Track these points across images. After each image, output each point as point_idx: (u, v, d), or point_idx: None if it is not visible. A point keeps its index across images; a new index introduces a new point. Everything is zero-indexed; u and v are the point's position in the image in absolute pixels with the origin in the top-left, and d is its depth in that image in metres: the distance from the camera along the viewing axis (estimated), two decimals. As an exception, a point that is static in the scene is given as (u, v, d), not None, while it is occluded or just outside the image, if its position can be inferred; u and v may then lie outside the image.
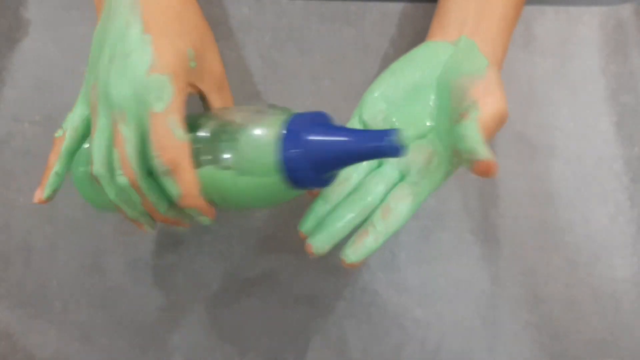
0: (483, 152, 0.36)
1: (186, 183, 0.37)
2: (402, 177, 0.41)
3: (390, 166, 0.41)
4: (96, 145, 0.38)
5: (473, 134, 0.37)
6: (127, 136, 0.37)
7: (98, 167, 0.38)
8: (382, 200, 0.40)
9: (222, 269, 0.51)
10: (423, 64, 0.43)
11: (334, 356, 0.49)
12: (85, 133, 0.41)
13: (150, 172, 0.38)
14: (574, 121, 0.55)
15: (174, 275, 0.50)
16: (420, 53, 0.44)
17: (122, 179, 0.37)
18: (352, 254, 0.39)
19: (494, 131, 0.39)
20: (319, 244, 0.39)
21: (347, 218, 0.40)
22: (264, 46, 0.57)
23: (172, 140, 0.36)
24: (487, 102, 0.39)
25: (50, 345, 0.49)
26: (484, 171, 0.36)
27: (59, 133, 0.41)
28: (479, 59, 0.42)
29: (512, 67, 0.56)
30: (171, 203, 0.39)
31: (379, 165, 0.42)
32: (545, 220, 0.52)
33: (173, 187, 0.37)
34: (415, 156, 0.41)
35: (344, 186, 0.41)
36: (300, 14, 0.57)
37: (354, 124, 0.43)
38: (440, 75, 0.42)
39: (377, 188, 0.41)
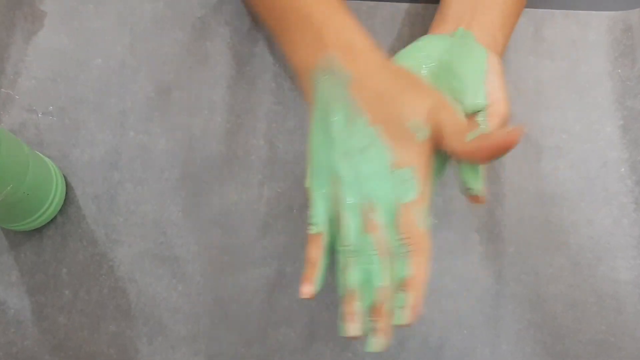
0: (479, 189, 0.41)
1: (419, 267, 0.39)
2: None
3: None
4: (351, 231, 0.40)
5: (475, 172, 0.41)
6: (380, 223, 0.40)
7: (352, 248, 0.40)
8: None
9: (230, 259, 0.51)
10: (419, 54, 0.45)
11: (337, 349, 0.50)
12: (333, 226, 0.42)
13: None
14: (580, 124, 0.55)
15: (182, 266, 0.51)
16: (419, 44, 0.45)
17: (375, 259, 0.39)
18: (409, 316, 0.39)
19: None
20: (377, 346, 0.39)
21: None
22: (275, 45, 0.57)
23: (416, 228, 0.40)
24: (493, 112, 0.42)
25: (60, 333, 0.49)
26: (474, 201, 0.41)
27: (314, 230, 0.41)
28: (477, 49, 0.43)
29: (521, 69, 0.57)
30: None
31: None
32: (549, 220, 0.53)
33: (405, 268, 0.39)
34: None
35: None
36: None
37: None
38: (439, 64, 0.44)
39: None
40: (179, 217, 0.52)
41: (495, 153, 0.39)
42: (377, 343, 0.39)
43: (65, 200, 0.52)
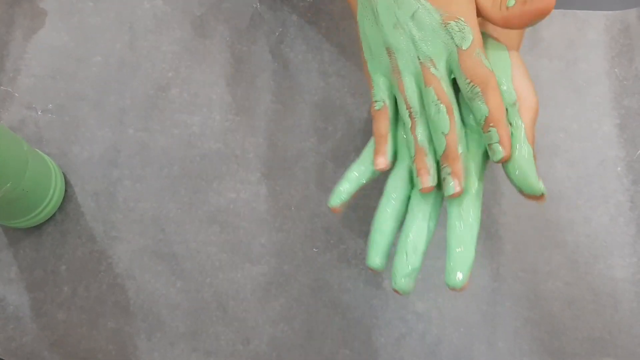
0: (539, 189, 0.40)
1: (493, 102, 0.40)
2: None
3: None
4: (414, 93, 0.42)
5: (528, 170, 0.41)
6: (440, 75, 0.42)
7: (415, 107, 0.42)
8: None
9: (228, 256, 0.52)
10: None
11: (335, 346, 0.50)
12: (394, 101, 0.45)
13: None
14: (577, 122, 0.56)
15: (181, 263, 0.51)
16: None
17: (441, 107, 0.41)
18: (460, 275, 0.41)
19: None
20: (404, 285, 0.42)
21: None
22: (274, 42, 0.57)
23: (482, 67, 0.41)
24: (526, 106, 0.42)
25: (59, 329, 0.50)
26: (536, 200, 0.40)
27: (378, 105, 0.44)
28: (496, 45, 0.44)
29: (518, 68, 0.57)
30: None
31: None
32: (546, 218, 0.53)
33: (482, 107, 0.40)
34: None
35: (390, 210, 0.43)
36: (309, 11, 0.58)
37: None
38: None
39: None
40: (178, 214, 0.53)
41: (535, 17, 0.40)
42: (455, 185, 0.41)
43: (64, 197, 0.52)
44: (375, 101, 0.44)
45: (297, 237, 0.52)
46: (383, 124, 0.44)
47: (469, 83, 0.41)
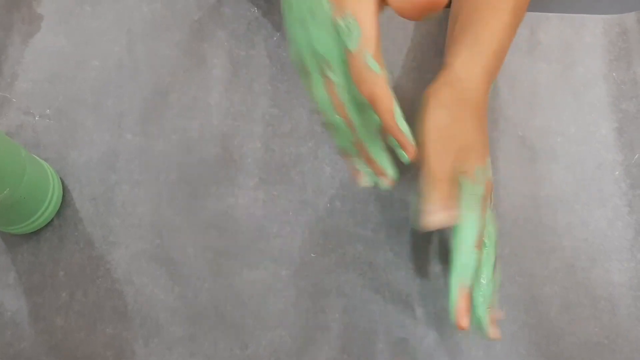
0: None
1: (382, 111, 0.39)
2: None
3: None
4: (319, 98, 0.41)
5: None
6: (335, 80, 0.40)
7: (328, 116, 0.42)
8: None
9: (226, 262, 0.52)
10: None
11: (334, 351, 0.50)
12: None
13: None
14: (575, 126, 0.56)
15: (178, 268, 0.51)
16: None
17: (337, 118, 0.41)
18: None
19: None
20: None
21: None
22: (272, 46, 0.57)
23: (368, 73, 0.39)
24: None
25: (56, 335, 0.50)
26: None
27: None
28: None
29: (516, 72, 0.57)
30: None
31: None
32: (544, 223, 0.53)
33: (373, 117, 0.40)
34: None
35: None
36: (308, 15, 0.58)
37: None
38: None
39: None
40: (176, 219, 0.53)
41: (425, 11, 0.38)
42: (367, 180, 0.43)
43: (62, 202, 0.52)
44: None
45: (295, 242, 0.52)
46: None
47: (358, 89, 0.39)
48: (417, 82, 0.57)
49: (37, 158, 0.51)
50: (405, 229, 0.52)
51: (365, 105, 0.40)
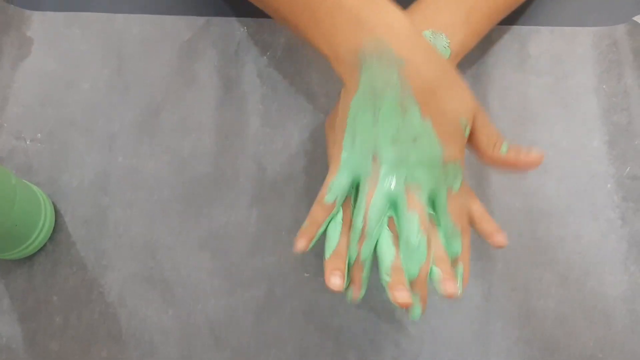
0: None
1: (466, 244, 0.44)
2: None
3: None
4: (374, 209, 0.42)
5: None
6: (424, 203, 0.42)
7: (372, 225, 0.42)
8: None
9: (220, 282, 0.52)
10: None
11: (328, 371, 0.50)
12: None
13: None
14: (566, 139, 0.56)
15: (172, 289, 0.51)
16: None
17: (422, 239, 0.42)
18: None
19: None
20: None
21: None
22: (263, 65, 0.58)
23: (464, 212, 0.45)
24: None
25: (51, 359, 0.50)
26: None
27: (330, 198, 0.44)
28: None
29: (507, 85, 0.57)
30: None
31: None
32: (537, 237, 0.53)
33: (457, 247, 0.44)
34: None
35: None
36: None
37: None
38: None
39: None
40: (169, 240, 0.53)
41: (523, 168, 0.44)
42: (421, 311, 0.43)
43: (54, 226, 0.52)
44: (328, 193, 0.44)
45: (289, 261, 0.52)
46: (321, 215, 0.44)
47: (452, 224, 0.43)
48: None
49: (28, 183, 0.51)
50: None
51: (450, 236, 0.44)
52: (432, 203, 0.44)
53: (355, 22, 0.42)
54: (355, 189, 0.44)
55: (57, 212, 0.53)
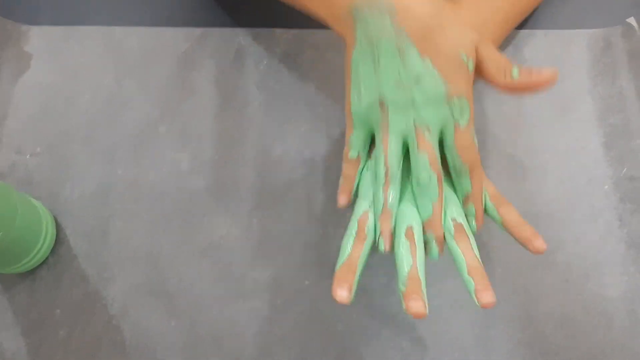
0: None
1: (477, 181, 0.45)
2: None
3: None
4: (392, 152, 0.43)
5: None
6: (433, 143, 0.43)
7: (394, 168, 0.43)
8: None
9: (221, 292, 0.52)
10: None
11: (331, 378, 0.50)
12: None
13: None
14: (563, 142, 0.56)
15: (174, 300, 0.52)
16: None
17: (433, 175, 0.43)
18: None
19: None
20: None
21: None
22: (260, 73, 0.58)
23: (473, 147, 0.44)
24: None
25: (56, 371, 0.50)
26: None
27: (353, 154, 0.46)
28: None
29: (503, 90, 0.57)
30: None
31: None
32: (537, 240, 0.53)
33: (467, 184, 0.44)
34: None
35: None
36: (293, 43, 0.58)
37: None
38: None
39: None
40: (170, 251, 0.53)
41: (537, 88, 0.44)
42: (439, 251, 0.44)
43: (56, 239, 0.52)
44: (351, 149, 0.45)
45: (290, 270, 0.52)
46: (353, 171, 0.46)
47: (460, 159, 0.44)
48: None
49: (29, 197, 0.51)
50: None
51: (458, 173, 0.44)
52: (441, 141, 0.44)
53: None
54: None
55: (58, 225, 0.53)
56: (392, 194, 0.43)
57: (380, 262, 0.52)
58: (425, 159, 0.43)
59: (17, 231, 0.46)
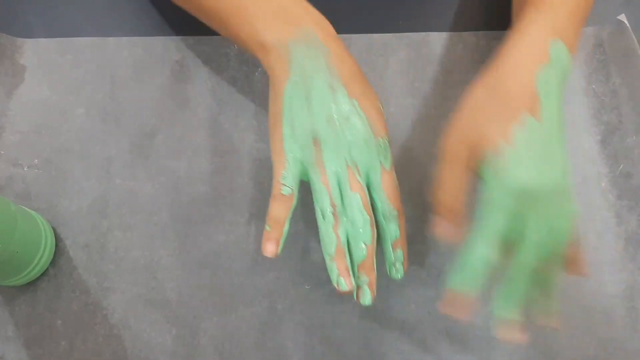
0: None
1: (403, 226, 0.46)
2: None
3: None
4: (334, 190, 0.44)
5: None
6: (363, 184, 0.45)
7: (339, 206, 0.44)
8: None
9: (221, 300, 0.52)
10: None
11: (333, 383, 0.50)
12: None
13: None
14: (559, 141, 0.56)
15: (174, 309, 0.52)
16: None
17: (367, 218, 0.44)
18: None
19: None
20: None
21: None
22: (254, 81, 0.58)
23: (398, 191, 0.46)
24: None
25: (58, 383, 0.50)
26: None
27: (286, 191, 0.45)
28: None
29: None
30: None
31: None
32: (534, 239, 0.53)
33: (395, 229, 0.45)
34: None
35: None
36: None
37: None
38: None
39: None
40: (169, 260, 0.53)
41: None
42: (370, 295, 0.45)
43: (55, 251, 0.53)
44: (284, 186, 0.45)
45: (289, 276, 0.53)
46: (284, 211, 0.45)
47: (390, 204, 0.45)
48: (399, 108, 0.58)
49: (28, 209, 0.51)
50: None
51: (387, 218, 0.45)
52: (368, 181, 0.45)
53: (283, 14, 0.46)
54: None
55: (57, 237, 0.53)
56: (342, 232, 0.44)
57: (379, 265, 0.52)
58: (359, 200, 0.44)
59: (16, 243, 0.47)
